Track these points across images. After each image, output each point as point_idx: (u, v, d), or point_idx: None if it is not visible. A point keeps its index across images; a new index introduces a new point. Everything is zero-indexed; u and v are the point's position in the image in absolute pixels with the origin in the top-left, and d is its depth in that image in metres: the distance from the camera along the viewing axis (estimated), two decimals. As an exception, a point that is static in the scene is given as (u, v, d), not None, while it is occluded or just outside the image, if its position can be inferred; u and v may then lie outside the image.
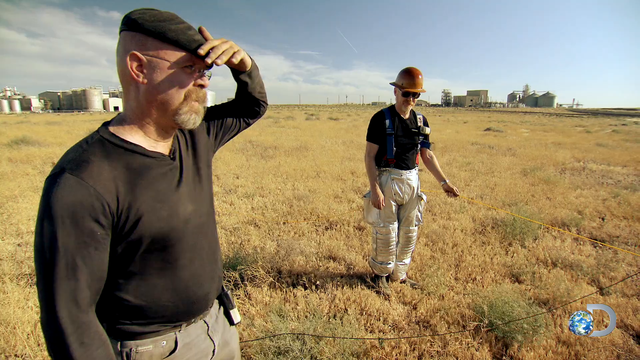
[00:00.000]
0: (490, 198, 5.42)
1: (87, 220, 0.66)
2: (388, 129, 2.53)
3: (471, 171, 7.42)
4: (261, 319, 2.33)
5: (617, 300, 2.67)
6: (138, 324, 0.81)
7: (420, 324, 2.35)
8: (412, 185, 2.62)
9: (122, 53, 0.73)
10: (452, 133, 16.73)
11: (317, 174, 6.85)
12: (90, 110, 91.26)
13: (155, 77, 0.73)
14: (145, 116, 0.78)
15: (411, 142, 2.60)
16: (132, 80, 0.74)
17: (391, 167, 2.58)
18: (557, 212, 4.67)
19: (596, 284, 2.94)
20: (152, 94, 0.75)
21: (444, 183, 2.71)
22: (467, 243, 3.65)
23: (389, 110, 2.62)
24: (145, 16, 0.72)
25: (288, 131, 15.82)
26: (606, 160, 9.20)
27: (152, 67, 0.73)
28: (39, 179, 6.14)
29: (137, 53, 0.72)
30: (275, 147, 10.29)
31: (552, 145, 12.41)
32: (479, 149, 10.76)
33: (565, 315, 2.43)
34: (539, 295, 2.67)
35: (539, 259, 3.34)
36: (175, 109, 0.77)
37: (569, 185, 6.28)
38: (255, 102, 1.06)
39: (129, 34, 0.73)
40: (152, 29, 0.71)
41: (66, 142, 11.02)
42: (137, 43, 0.72)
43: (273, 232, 3.94)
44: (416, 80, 2.45)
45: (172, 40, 0.73)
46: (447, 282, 2.85)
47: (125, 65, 0.73)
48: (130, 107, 0.78)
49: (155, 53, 0.72)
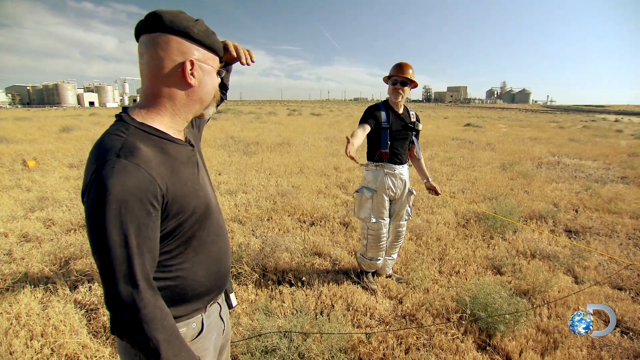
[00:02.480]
0: (471, 192, 5.55)
1: (146, 204, 0.72)
2: (384, 122, 2.51)
3: (453, 166, 7.57)
4: (247, 317, 2.30)
5: (590, 288, 2.79)
6: (177, 307, 0.86)
7: (407, 318, 2.38)
8: (404, 180, 2.63)
9: (174, 55, 0.80)
10: (433, 128, 17.02)
11: (301, 169, 6.81)
12: (64, 106, 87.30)
13: (204, 79, 0.85)
14: (183, 110, 0.86)
15: (405, 137, 2.60)
16: (180, 81, 0.82)
17: (385, 162, 2.56)
18: (534, 205, 4.83)
19: (571, 274, 3.06)
20: (199, 93, 0.86)
21: (427, 181, 2.73)
22: (450, 237, 3.72)
23: (384, 104, 2.60)
24: (196, 27, 0.81)
25: (270, 127, 15.67)
26: (578, 154, 9.59)
27: (203, 71, 0.84)
28: (8, 177, 5.83)
29: (194, 60, 0.81)
30: (257, 143, 10.17)
31: (529, 140, 12.83)
32: (459, 144, 10.99)
33: (544, 305, 2.52)
34: (520, 286, 2.75)
35: (518, 251, 3.44)
36: (208, 104, 0.91)
37: (545, 178, 6.50)
38: (225, 88, 1.16)
39: (177, 40, 0.79)
40: (204, 41, 0.83)
41: (37, 138, 10.50)
42: (190, 50, 0.81)
43: (257, 229, 3.89)
44: (404, 69, 2.46)
45: (216, 50, 0.87)
46: (431, 276, 2.90)
47: (177, 68, 0.80)
48: (166, 100, 0.83)
49: (204, 60, 0.84)
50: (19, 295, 2.47)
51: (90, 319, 2.28)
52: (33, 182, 5.58)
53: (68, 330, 2.10)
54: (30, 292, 2.54)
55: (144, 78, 0.83)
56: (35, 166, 6.66)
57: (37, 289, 2.59)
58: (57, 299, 2.46)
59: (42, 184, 5.49)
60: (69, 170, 6.50)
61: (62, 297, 2.49)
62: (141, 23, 0.80)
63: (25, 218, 4.06)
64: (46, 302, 2.43)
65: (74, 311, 2.29)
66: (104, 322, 2.24)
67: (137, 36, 0.82)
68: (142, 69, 0.82)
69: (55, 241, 3.44)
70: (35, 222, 3.91)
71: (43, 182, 5.59)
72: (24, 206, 4.45)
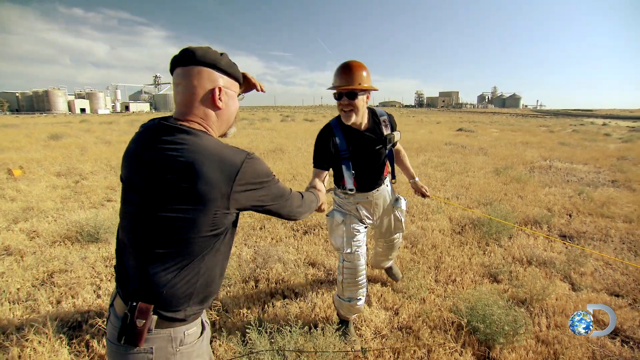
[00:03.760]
0: (465, 197, 5.53)
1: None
2: (342, 151, 1.91)
3: (446, 171, 7.57)
4: (238, 332, 2.21)
5: (588, 295, 2.75)
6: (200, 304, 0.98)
7: (403, 330, 2.31)
8: (381, 204, 2.21)
9: (206, 83, 0.96)
10: (426, 133, 17.10)
11: (294, 176, 6.74)
12: (54, 112, 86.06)
13: (229, 103, 1.02)
14: (214, 129, 1.01)
15: (375, 158, 2.02)
16: (212, 104, 0.98)
17: (353, 192, 2.06)
18: (529, 210, 4.82)
19: (568, 280, 3.02)
20: (226, 114, 1.02)
21: (413, 181, 2.33)
22: (445, 244, 3.67)
23: (337, 123, 1.94)
24: (223, 60, 0.98)
25: (263, 133, 15.60)
26: (569, 158, 9.68)
27: (228, 96, 1.02)
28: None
29: (221, 86, 0.98)
30: (250, 149, 10.07)
31: (521, 144, 12.95)
32: (452, 149, 11.03)
33: (542, 313, 2.47)
34: (517, 294, 2.71)
35: (514, 257, 3.40)
36: (232, 124, 1.09)
37: (538, 183, 6.52)
38: None
39: (208, 71, 0.96)
40: (229, 71, 1.00)
41: (25, 146, 10.28)
42: (218, 79, 0.98)
43: (250, 238, 3.80)
44: (350, 75, 1.74)
45: (238, 78, 1.05)
46: (427, 285, 2.84)
47: (210, 94, 0.97)
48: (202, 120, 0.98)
49: (229, 86, 1.01)
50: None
51: (73, 338, 2.17)
52: (18, 192, 5.42)
53: (47, 351, 1.99)
54: (9, 309, 2.42)
55: (180, 103, 0.97)
56: (21, 175, 6.48)
57: (16, 305, 2.47)
58: (39, 316, 2.35)
59: (28, 194, 5.33)
60: (56, 179, 6.34)
61: (43, 315, 2.37)
62: (176, 58, 0.96)
63: (7, 230, 3.91)
64: (25, 320, 2.31)
65: (55, 330, 2.17)
66: (87, 340, 2.13)
67: (172, 69, 0.97)
68: (177, 95, 0.97)
69: (38, 254, 3.30)
70: (18, 234, 3.77)
71: (28, 192, 5.43)
72: (6, 217, 4.30)
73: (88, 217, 3.79)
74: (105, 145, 10.81)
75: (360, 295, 2.13)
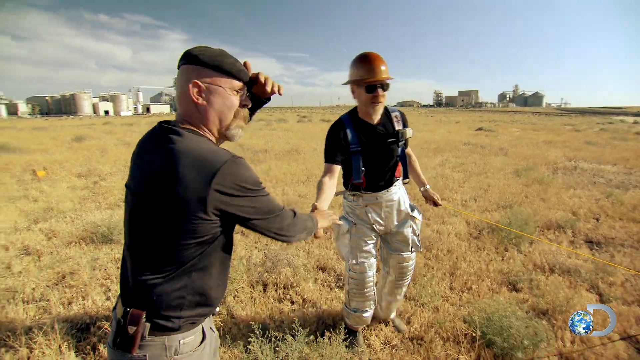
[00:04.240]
0: (484, 200, 5.32)
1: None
2: (352, 144, 1.85)
3: (464, 172, 7.34)
4: (243, 339, 2.16)
5: (618, 308, 2.56)
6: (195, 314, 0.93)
7: (414, 341, 2.20)
8: (394, 207, 2.04)
9: (184, 81, 0.91)
10: (445, 133, 16.72)
11: (308, 178, 6.69)
12: (80, 115, 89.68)
13: (212, 99, 0.92)
14: (204, 127, 0.95)
15: (388, 155, 1.93)
16: (192, 101, 0.91)
17: (362, 191, 1.95)
18: (552, 213, 4.58)
19: (595, 291, 2.82)
20: (210, 111, 0.93)
21: (424, 189, 2.17)
22: (462, 249, 3.52)
23: (349, 118, 1.91)
24: (205, 52, 0.91)
25: (279, 134, 15.65)
26: (596, 159, 9.20)
27: (210, 91, 0.91)
28: (16, 187, 5.88)
29: (197, 81, 0.90)
30: (265, 150, 10.11)
31: (543, 144, 12.44)
32: (471, 149, 10.72)
33: (566, 327, 2.30)
34: (538, 304, 2.54)
35: (536, 264, 3.22)
36: (228, 125, 0.97)
37: (562, 185, 6.21)
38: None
39: (190, 67, 0.91)
40: (212, 63, 0.90)
41: (50, 148, 10.69)
42: (197, 73, 0.90)
43: (261, 241, 3.77)
44: (379, 65, 1.74)
45: (226, 71, 0.93)
46: (441, 292, 2.71)
47: (187, 90, 0.90)
48: (192, 119, 0.94)
49: (212, 81, 0.91)
50: (10, 313, 2.39)
51: (81, 340, 2.18)
52: (40, 192, 5.60)
53: (55, 353, 2.00)
54: (22, 309, 2.47)
55: (177, 103, 0.97)
56: (44, 176, 6.71)
57: (29, 305, 2.51)
58: (50, 317, 2.38)
59: (49, 194, 5.50)
60: (76, 180, 6.53)
61: (54, 316, 2.40)
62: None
63: (28, 230, 4.03)
64: (36, 321, 2.34)
65: (64, 332, 2.19)
66: (94, 343, 2.13)
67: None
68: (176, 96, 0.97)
69: (54, 254, 3.38)
70: (37, 234, 3.88)
71: (50, 193, 5.61)
72: (28, 217, 4.44)
73: (103, 218, 3.86)
74: (125, 147, 11.10)
75: (367, 307, 2.06)
